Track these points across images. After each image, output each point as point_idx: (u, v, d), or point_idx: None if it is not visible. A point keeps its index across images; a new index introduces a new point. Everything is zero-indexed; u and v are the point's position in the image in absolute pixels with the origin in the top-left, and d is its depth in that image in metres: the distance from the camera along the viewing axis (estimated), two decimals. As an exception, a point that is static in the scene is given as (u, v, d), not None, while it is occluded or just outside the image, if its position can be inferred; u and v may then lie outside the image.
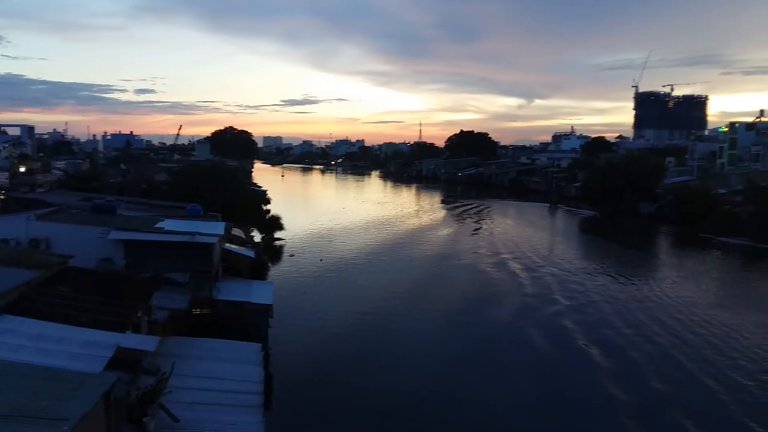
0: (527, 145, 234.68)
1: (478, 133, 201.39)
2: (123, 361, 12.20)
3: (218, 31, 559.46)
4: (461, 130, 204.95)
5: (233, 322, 23.15)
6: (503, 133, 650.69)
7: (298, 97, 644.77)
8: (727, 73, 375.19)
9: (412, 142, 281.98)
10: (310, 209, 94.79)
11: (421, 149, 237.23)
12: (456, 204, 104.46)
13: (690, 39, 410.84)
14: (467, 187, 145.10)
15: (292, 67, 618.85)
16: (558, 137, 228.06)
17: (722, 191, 77.09)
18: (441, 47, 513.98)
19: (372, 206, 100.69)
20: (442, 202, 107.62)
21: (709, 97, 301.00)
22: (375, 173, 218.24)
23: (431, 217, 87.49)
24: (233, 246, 32.30)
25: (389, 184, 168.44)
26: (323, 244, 59.65)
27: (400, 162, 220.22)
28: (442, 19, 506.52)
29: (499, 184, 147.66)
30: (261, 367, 18.69)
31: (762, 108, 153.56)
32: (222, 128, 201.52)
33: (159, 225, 27.10)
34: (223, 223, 30.71)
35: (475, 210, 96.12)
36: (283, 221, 61.05)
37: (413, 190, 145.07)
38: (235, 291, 25.72)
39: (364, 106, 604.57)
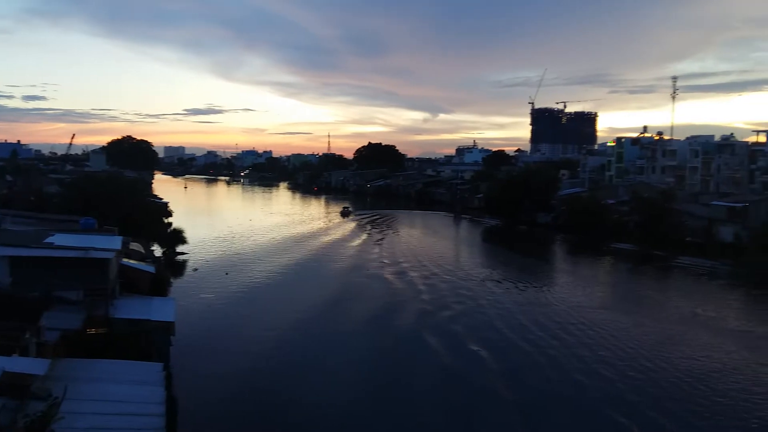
0: (433, 157, 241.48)
1: (385, 145, 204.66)
2: (9, 386, 11.40)
3: (115, 37, 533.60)
4: (369, 143, 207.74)
5: (132, 341, 22.14)
6: (410, 146, 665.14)
7: (202, 107, 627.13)
8: (614, 92, 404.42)
9: (320, 154, 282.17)
10: (216, 222, 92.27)
11: (330, 161, 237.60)
12: (364, 214, 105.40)
13: (581, 60, 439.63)
14: (376, 199, 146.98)
15: (196, 75, 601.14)
16: (461, 150, 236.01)
17: (611, 201, 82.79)
18: (348, 60, 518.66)
19: (280, 218, 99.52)
20: (345, 215, 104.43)
21: (599, 113, 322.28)
22: (283, 185, 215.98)
23: (339, 228, 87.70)
24: (131, 261, 30.93)
25: (298, 195, 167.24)
26: (229, 258, 58.24)
27: (309, 173, 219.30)
28: (349, 32, 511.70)
29: (407, 195, 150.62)
30: (163, 388, 18.00)
31: (645, 124, 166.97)
32: (119, 137, 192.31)
33: (49, 240, 25.48)
34: (120, 238, 29.42)
35: (383, 220, 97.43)
36: (187, 235, 59.19)
37: (322, 202, 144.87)
38: (133, 308, 24.63)
39: (272, 117, 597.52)
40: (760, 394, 25.99)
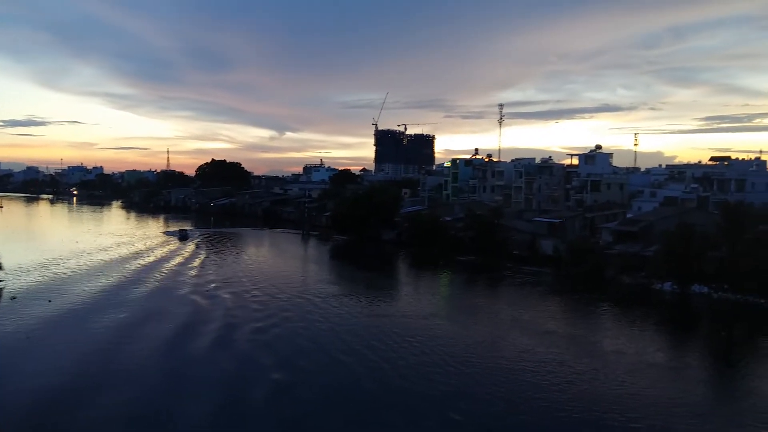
0: (280, 175, 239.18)
1: (230, 162, 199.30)
2: None
3: None
4: (213, 159, 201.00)
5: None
6: (256, 164, 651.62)
7: (21, 118, 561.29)
8: (450, 116, 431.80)
9: (159, 171, 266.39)
10: (37, 245, 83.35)
11: (170, 178, 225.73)
12: (206, 233, 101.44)
13: (420, 85, 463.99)
14: (221, 218, 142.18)
15: (14, 83, 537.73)
16: (309, 169, 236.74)
17: (448, 218, 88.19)
18: (189, 74, 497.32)
19: (111, 240, 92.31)
20: (183, 238, 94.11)
21: (436, 136, 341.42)
22: (116, 204, 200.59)
23: (178, 248, 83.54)
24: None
25: (133, 215, 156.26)
26: (53, 283, 52.98)
27: (146, 191, 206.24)
28: (190, 45, 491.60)
29: (253, 213, 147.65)
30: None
31: (477, 147, 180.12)
32: None
33: None
34: None
35: (227, 239, 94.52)
36: (2, 260, 52.99)
37: (161, 221, 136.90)
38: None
39: (103, 131, 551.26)
40: (558, 384, 29.70)
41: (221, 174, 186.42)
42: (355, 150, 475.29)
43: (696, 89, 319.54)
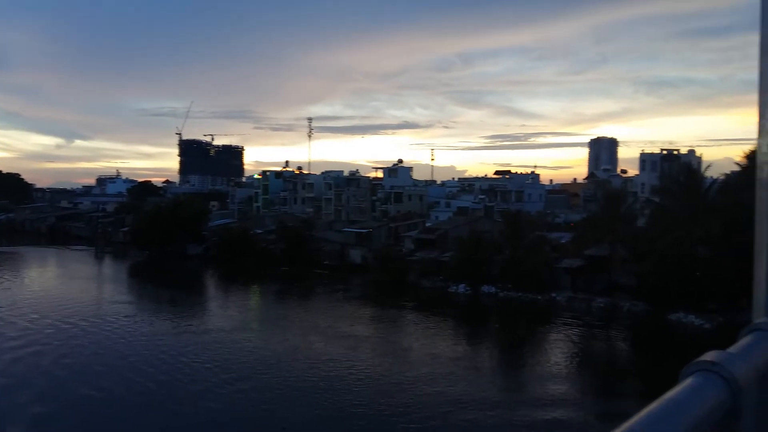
0: (69, 188, 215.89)
1: (7, 173, 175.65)
2: None
3: None
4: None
5: None
6: (40, 175, 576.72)
7: None
8: (259, 128, 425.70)
9: None
10: None
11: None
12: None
13: (227, 95, 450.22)
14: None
15: None
16: (103, 180, 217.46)
17: (259, 231, 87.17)
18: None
19: None
20: None
21: (245, 147, 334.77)
22: None
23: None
24: None
25: None
26: None
27: None
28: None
29: (36, 230, 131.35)
30: None
31: (287, 159, 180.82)
32: None
33: None
34: None
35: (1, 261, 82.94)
36: None
37: None
38: None
39: None
40: (352, 383, 31.84)
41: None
42: (157, 160, 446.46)
43: (482, 110, 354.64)
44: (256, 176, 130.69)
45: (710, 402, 1.45)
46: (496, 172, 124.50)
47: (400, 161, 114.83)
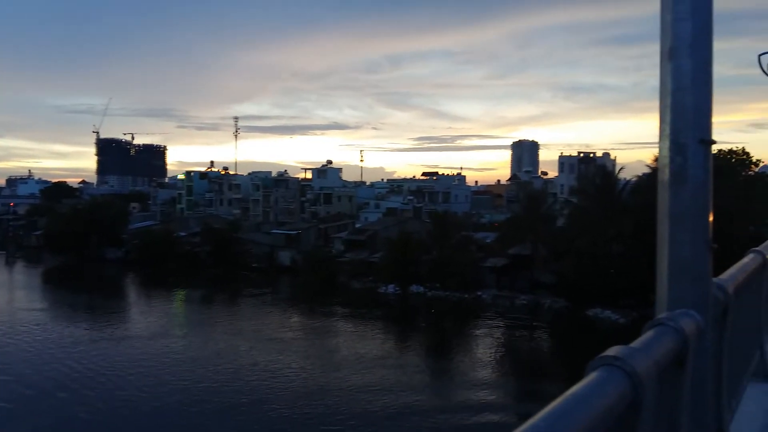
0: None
1: None
2: None
3: None
4: None
5: None
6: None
7: None
8: (183, 127, 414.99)
9: None
10: None
11: None
12: None
13: (148, 93, 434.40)
14: None
15: None
16: (14, 181, 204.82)
17: (183, 234, 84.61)
18: None
19: None
20: None
21: (168, 147, 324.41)
22: None
23: None
24: None
25: None
26: None
27: None
28: None
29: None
30: None
31: (212, 159, 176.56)
32: None
33: None
34: None
35: None
36: None
37: None
38: None
39: None
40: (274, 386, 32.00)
41: None
42: (73, 160, 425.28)
43: (410, 112, 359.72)
44: (179, 177, 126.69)
45: (612, 396, 1.53)
46: (424, 174, 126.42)
47: (330, 162, 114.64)
